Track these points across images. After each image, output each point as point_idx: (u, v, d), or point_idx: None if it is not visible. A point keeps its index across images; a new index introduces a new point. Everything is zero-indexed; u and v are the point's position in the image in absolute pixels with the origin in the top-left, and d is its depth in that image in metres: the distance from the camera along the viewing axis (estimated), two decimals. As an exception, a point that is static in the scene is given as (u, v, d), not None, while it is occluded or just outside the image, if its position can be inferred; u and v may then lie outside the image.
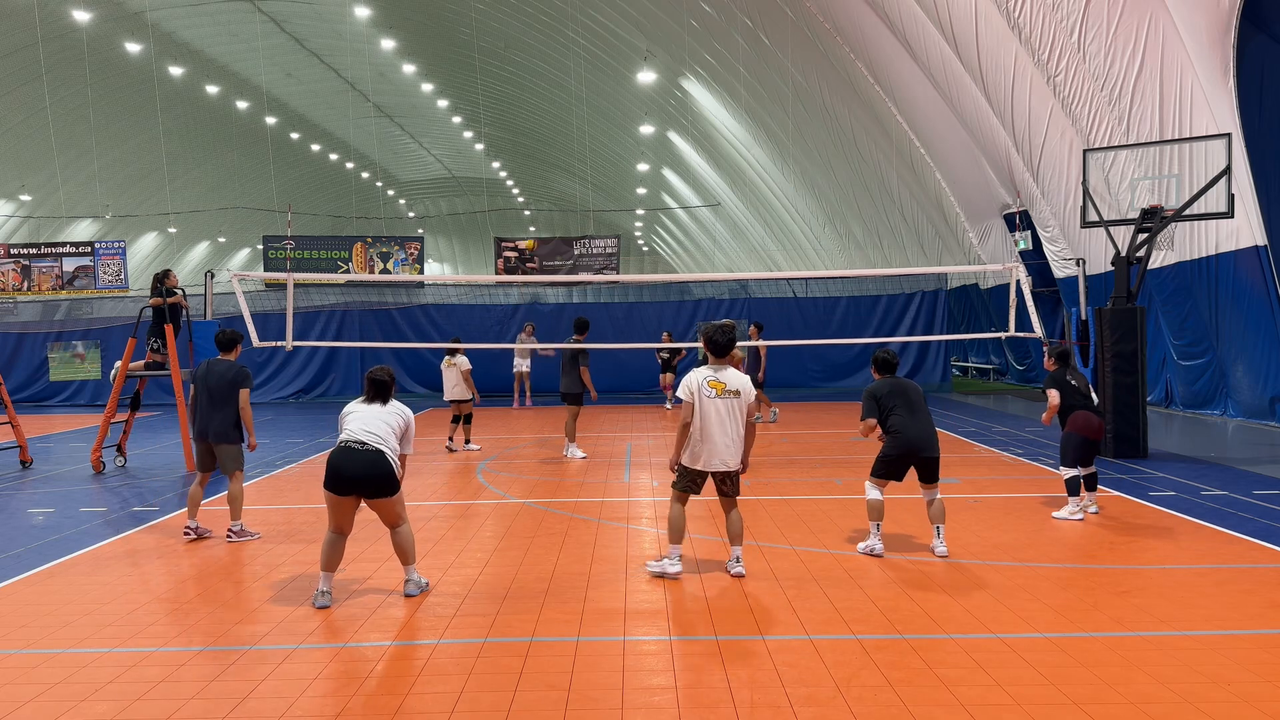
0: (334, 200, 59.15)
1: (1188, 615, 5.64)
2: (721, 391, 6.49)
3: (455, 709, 4.45)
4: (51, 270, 22.32)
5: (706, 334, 6.65)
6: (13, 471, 12.22)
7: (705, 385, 6.50)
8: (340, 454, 6.07)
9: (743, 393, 6.54)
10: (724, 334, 6.60)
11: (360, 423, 6.18)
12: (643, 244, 70.24)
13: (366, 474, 6.02)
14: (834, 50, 22.44)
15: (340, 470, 6.04)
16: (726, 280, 25.23)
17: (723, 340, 6.59)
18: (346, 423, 6.25)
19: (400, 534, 6.31)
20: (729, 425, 6.50)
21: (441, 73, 43.70)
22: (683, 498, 6.69)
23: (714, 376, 6.54)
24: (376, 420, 6.20)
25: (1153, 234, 12.14)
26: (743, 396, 6.53)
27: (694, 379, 6.55)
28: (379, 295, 24.03)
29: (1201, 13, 13.47)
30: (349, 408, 6.38)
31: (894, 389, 7.36)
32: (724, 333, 6.60)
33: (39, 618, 5.92)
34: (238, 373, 8.11)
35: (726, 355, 6.64)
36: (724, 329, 6.64)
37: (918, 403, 7.35)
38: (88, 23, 31.85)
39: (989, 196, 21.66)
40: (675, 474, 6.73)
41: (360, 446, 6.06)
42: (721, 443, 6.50)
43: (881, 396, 7.33)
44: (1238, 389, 15.44)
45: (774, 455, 12.65)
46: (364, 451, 6.04)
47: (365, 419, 6.20)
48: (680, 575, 6.61)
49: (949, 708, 4.38)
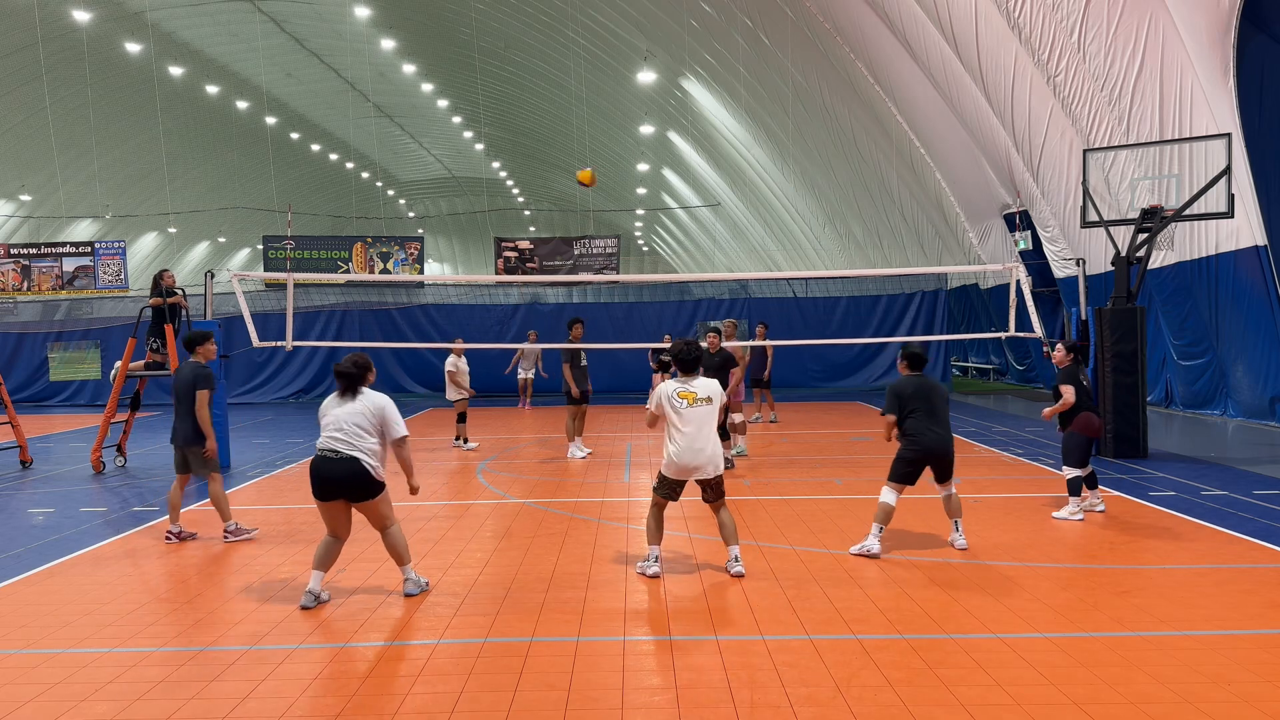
0: (334, 200, 59.15)
1: (1188, 615, 5.64)
2: (693, 400, 6.58)
3: (455, 709, 4.45)
4: (51, 270, 22.31)
5: (676, 353, 6.74)
6: (13, 471, 12.23)
7: (675, 396, 6.59)
8: (318, 462, 6.05)
9: (714, 398, 6.65)
10: (693, 351, 6.72)
11: (333, 427, 6.05)
12: (643, 244, 70.24)
13: (344, 480, 5.99)
14: (834, 50, 22.44)
15: (319, 477, 6.04)
16: (726, 280, 25.25)
17: (689, 358, 6.70)
18: (323, 425, 6.16)
19: (390, 536, 6.27)
20: (706, 432, 6.56)
21: (441, 73, 43.69)
22: (660, 504, 6.75)
23: (684, 387, 6.63)
24: (348, 422, 6.03)
25: (1153, 234, 12.14)
26: (715, 401, 6.64)
27: (664, 391, 6.66)
28: (379, 295, 24.04)
29: (1201, 13, 13.47)
30: (324, 406, 6.24)
31: (919, 389, 7.23)
32: (692, 350, 6.72)
33: (39, 618, 5.92)
34: (196, 374, 8.03)
35: (695, 372, 6.74)
36: (692, 346, 6.76)
37: (939, 408, 7.25)
38: (88, 23, 31.83)
39: (989, 196, 21.66)
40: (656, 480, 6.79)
41: (335, 456, 5.99)
42: (701, 451, 6.53)
43: (905, 396, 7.23)
44: (1238, 389, 15.44)
45: (774, 455, 12.64)
46: (339, 460, 5.98)
47: (338, 421, 6.05)
48: (659, 575, 6.62)
49: (949, 708, 4.38)
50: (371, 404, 6.11)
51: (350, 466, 5.96)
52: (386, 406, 6.15)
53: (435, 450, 13.62)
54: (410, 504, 9.45)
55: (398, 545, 6.28)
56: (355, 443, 6.01)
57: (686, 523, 8.41)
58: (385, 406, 6.14)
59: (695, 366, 6.73)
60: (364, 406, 6.09)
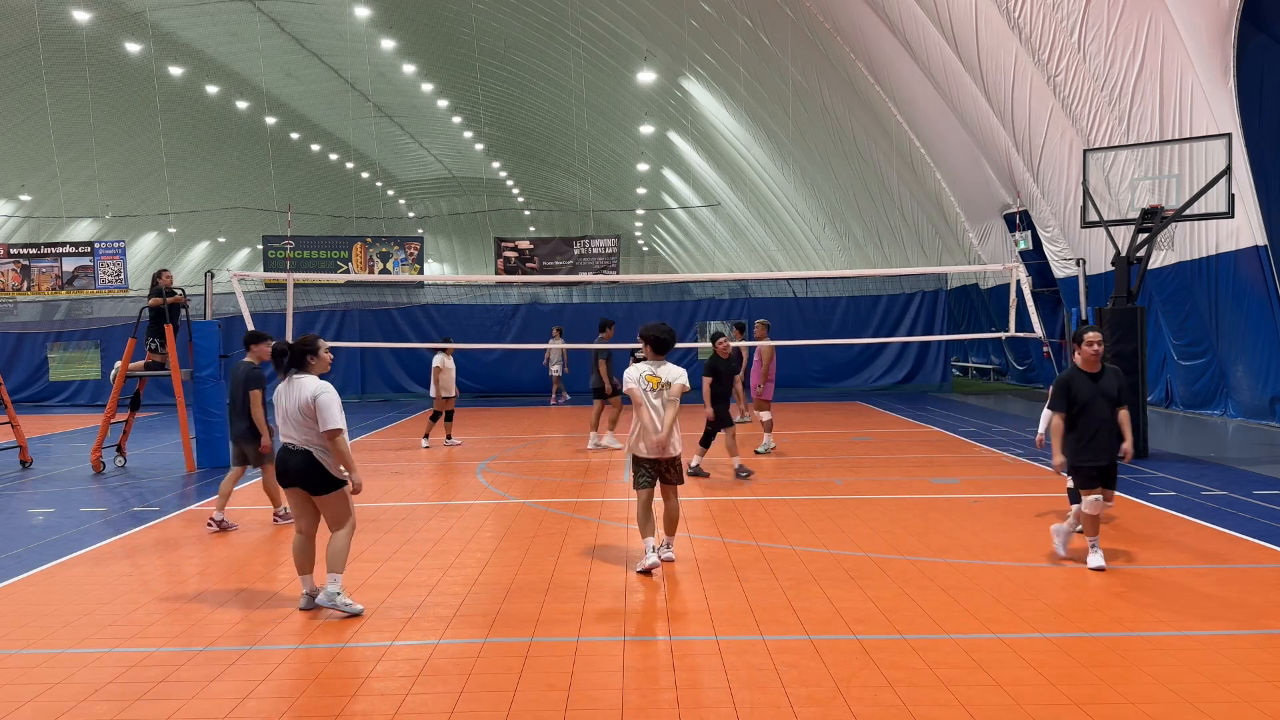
0: (334, 200, 59.16)
1: (1188, 615, 5.64)
2: (657, 385, 6.83)
3: (455, 709, 4.45)
4: (51, 270, 22.32)
5: (649, 333, 6.93)
6: (13, 471, 12.22)
7: (643, 380, 6.85)
8: (281, 450, 5.96)
9: (673, 383, 6.86)
10: (666, 331, 6.93)
11: (283, 418, 5.92)
12: (643, 244, 70.27)
13: (299, 472, 5.83)
14: (834, 50, 22.44)
15: (279, 466, 5.96)
16: (726, 280, 25.26)
17: (664, 337, 6.89)
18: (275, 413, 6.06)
19: (335, 538, 5.90)
20: (668, 415, 6.81)
21: (441, 73, 43.69)
22: (645, 495, 6.86)
23: (651, 371, 6.87)
24: (293, 414, 5.84)
25: (1153, 234, 12.14)
26: (674, 387, 6.85)
27: (634, 373, 6.88)
28: (379, 295, 24.04)
29: (1201, 13, 13.46)
30: (276, 392, 6.06)
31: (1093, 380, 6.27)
32: (666, 330, 6.95)
33: (39, 618, 5.91)
34: (249, 374, 8.39)
35: (666, 353, 6.93)
36: (665, 327, 6.98)
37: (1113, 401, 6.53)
38: (88, 23, 31.84)
39: (989, 196, 21.66)
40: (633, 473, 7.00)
41: (292, 446, 5.86)
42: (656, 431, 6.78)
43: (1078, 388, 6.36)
44: (1238, 389, 15.43)
45: (774, 455, 12.64)
46: (295, 451, 5.84)
47: (287, 411, 5.89)
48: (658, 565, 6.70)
49: (949, 708, 4.37)
50: (307, 394, 5.82)
51: (304, 459, 5.80)
52: (320, 395, 5.80)
53: (435, 449, 13.63)
54: (410, 504, 9.46)
55: (338, 550, 5.88)
56: (304, 435, 5.83)
57: (686, 523, 8.41)
58: (318, 396, 5.80)
59: (666, 348, 6.90)
60: (301, 397, 5.83)
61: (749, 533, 7.95)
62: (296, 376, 5.94)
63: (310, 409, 5.77)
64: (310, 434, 5.80)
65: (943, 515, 8.57)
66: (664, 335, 6.89)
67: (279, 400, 5.97)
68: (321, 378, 6.02)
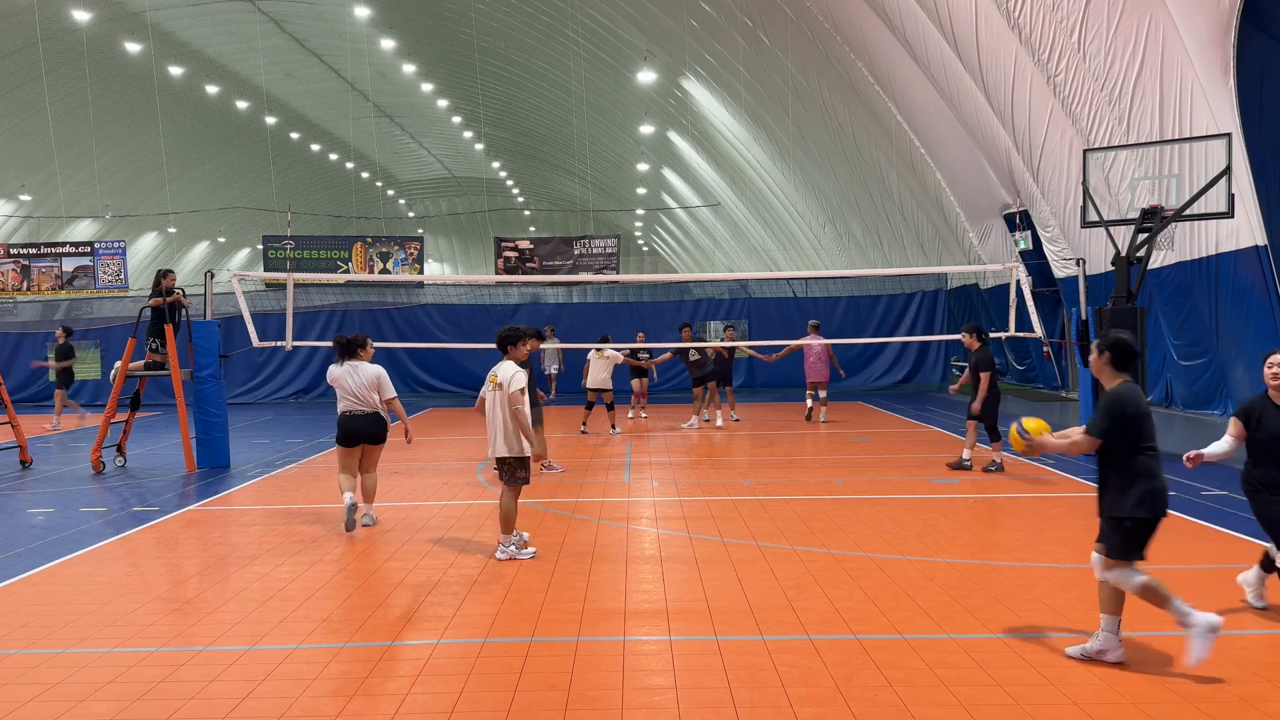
0: (334, 200, 59.12)
1: (1188, 615, 5.63)
2: (495, 384, 7.12)
3: (455, 709, 4.45)
4: (51, 270, 22.31)
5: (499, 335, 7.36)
6: (13, 471, 12.22)
7: (488, 380, 7.15)
8: (348, 419, 8.20)
9: (505, 385, 7.06)
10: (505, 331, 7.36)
11: (351, 395, 8.18)
12: (643, 244, 70.22)
13: (368, 430, 8.22)
14: (834, 50, 22.44)
15: (348, 430, 8.19)
16: (726, 280, 25.25)
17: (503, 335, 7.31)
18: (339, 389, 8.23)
19: (371, 476, 8.44)
20: (499, 415, 7.08)
21: (441, 73, 43.69)
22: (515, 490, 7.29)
23: (493, 370, 7.14)
24: (365, 389, 8.20)
25: (1153, 234, 12.14)
26: (505, 388, 7.05)
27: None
28: (379, 295, 24.04)
29: (1201, 13, 13.46)
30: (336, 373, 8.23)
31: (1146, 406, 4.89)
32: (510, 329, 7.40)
33: (39, 618, 5.92)
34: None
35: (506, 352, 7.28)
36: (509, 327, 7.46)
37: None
38: (88, 23, 31.82)
39: (989, 196, 21.65)
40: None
41: (359, 413, 8.20)
42: (493, 431, 7.11)
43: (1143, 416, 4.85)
44: (1238, 389, 15.42)
45: (774, 455, 12.65)
46: (364, 416, 8.21)
47: (355, 390, 8.19)
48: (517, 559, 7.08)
49: (949, 708, 4.38)
50: (371, 374, 8.30)
51: (374, 417, 8.25)
52: (380, 374, 8.33)
53: (438, 447, 13.62)
54: (410, 504, 9.46)
55: (373, 483, 8.51)
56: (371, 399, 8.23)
57: (686, 523, 8.41)
58: (380, 374, 8.33)
59: (503, 345, 7.27)
60: (368, 377, 8.24)
61: (749, 533, 7.95)
62: (356, 362, 8.31)
63: (375, 384, 8.24)
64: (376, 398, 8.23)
65: (943, 515, 8.58)
66: (503, 332, 7.32)
67: (340, 379, 8.22)
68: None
